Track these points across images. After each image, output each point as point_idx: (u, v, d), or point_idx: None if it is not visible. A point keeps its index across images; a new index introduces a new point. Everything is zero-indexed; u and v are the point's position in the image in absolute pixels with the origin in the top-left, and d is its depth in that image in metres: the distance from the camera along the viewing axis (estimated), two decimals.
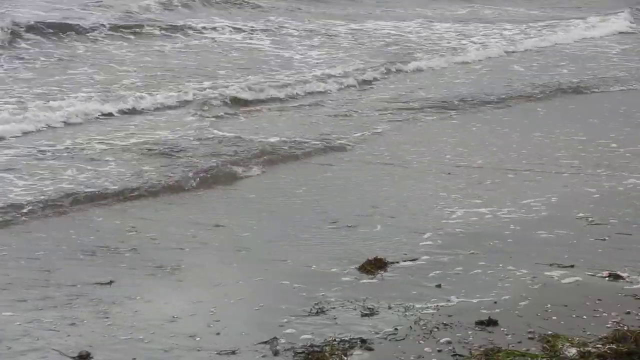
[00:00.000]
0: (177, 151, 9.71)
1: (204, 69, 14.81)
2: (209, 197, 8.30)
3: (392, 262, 6.47)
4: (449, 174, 9.05)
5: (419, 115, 12.01)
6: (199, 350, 5.12)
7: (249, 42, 17.53)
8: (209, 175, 8.82)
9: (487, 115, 12.04)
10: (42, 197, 8.03)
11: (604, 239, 7.00)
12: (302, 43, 17.64)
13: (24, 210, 7.64)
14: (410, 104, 12.66)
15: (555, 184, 8.63)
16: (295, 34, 18.55)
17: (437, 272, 6.32)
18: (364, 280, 6.21)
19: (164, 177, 8.72)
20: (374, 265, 6.37)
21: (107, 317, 5.55)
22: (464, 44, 18.15)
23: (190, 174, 8.79)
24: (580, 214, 7.63)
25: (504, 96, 13.18)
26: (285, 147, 10.05)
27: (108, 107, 11.65)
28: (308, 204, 8.04)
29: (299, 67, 15.26)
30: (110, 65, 14.73)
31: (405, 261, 6.54)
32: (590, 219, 7.49)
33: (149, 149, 9.77)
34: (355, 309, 5.67)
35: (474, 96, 13.11)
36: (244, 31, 18.45)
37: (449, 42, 18.39)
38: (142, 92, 12.55)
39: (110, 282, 6.12)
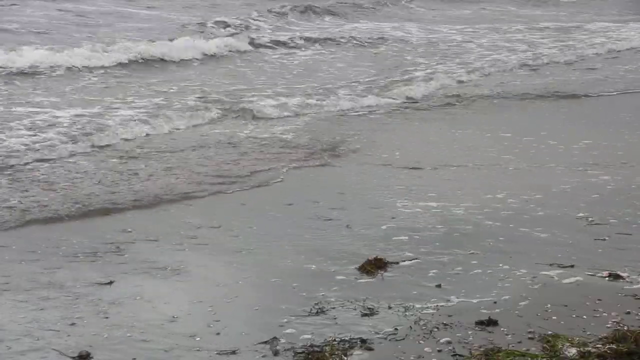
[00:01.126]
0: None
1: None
2: (209, 198, 8.30)
3: (392, 262, 6.47)
4: (451, 174, 9.08)
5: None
6: (199, 350, 5.12)
7: None
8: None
9: None
10: (43, 196, 8.05)
11: (604, 239, 7.00)
12: None
13: (24, 210, 7.67)
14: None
15: (558, 183, 8.65)
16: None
17: (437, 272, 6.31)
18: (364, 280, 6.20)
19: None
20: (374, 265, 6.37)
21: (107, 317, 5.55)
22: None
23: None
24: (580, 214, 7.63)
25: None
26: (284, 148, 10.08)
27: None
28: (308, 204, 8.03)
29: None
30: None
31: (405, 261, 6.54)
32: (590, 219, 7.49)
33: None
34: (355, 309, 5.66)
35: None
36: None
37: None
38: None
39: (110, 282, 6.12)
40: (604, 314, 5.55)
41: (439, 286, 6.06)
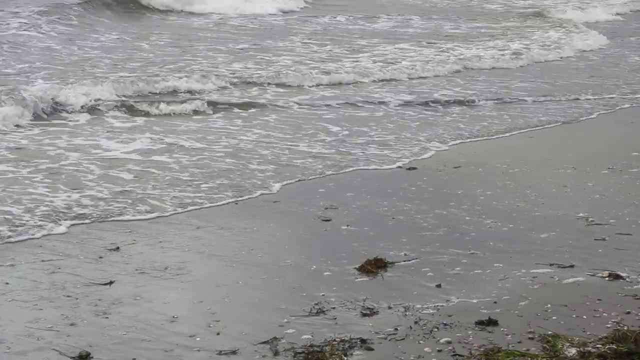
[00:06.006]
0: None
1: None
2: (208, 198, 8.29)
3: (392, 262, 6.47)
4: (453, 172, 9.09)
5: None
6: (199, 350, 5.12)
7: None
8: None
9: None
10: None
11: (604, 239, 7.00)
12: None
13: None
14: None
15: (560, 183, 8.65)
16: None
17: (437, 272, 6.31)
18: (364, 280, 6.21)
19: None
20: (374, 265, 6.37)
21: (107, 317, 5.55)
22: None
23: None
24: (580, 214, 7.63)
25: None
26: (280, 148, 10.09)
27: None
28: (308, 204, 8.03)
29: None
30: None
31: (405, 261, 6.54)
32: (590, 219, 7.49)
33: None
34: (355, 309, 5.67)
35: None
36: None
37: None
38: None
39: (110, 282, 6.12)
40: (604, 314, 5.55)
41: (439, 286, 6.06)
